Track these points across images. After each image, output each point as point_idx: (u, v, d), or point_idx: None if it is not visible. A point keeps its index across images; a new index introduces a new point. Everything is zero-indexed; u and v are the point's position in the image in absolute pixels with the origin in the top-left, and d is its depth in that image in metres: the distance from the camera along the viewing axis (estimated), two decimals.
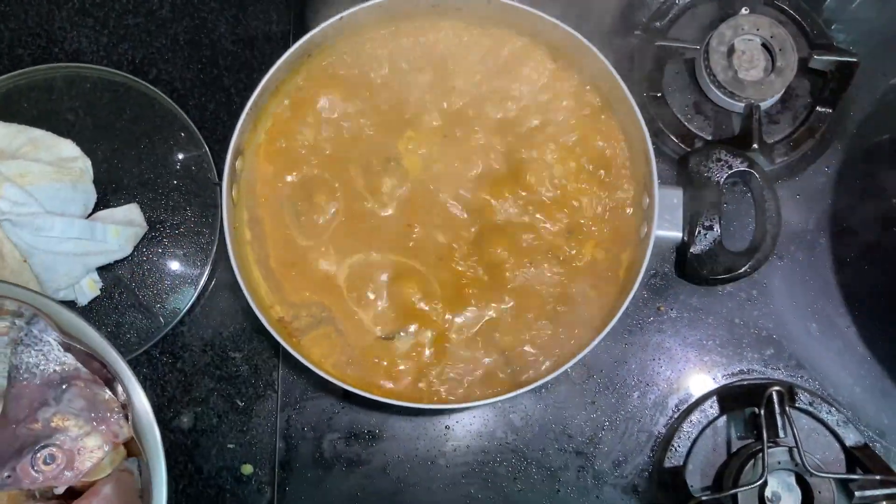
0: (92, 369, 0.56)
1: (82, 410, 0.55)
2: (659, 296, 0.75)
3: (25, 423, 0.54)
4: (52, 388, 0.55)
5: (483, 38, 0.69)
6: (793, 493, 0.67)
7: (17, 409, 0.54)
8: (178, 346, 0.74)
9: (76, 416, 0.54)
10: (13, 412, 0.54)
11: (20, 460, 0.53)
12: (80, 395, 0.55)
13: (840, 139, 0.78)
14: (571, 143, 0.68)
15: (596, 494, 0.72)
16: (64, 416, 0.54)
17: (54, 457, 0.53)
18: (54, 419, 0.54)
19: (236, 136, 0.62)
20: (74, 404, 0.55)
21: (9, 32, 0.79)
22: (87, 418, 0.55)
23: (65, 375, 0.55)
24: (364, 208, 0.67)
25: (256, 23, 0.80)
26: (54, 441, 0.54)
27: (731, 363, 0.74)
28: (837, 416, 0.70)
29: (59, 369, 0.55)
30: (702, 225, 0.66)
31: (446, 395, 0.64)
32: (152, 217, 0.74)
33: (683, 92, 0.78)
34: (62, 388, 0.55)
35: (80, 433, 0.54)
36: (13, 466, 0.53)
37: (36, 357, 0.55)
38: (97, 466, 0.55)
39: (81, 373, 0.56)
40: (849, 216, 0.77)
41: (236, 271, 0.61)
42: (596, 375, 0.74)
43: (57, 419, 0.54)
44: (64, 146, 0.72)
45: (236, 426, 0.72)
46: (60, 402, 0.54)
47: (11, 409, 0.54)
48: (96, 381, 0.56)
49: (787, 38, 0.74)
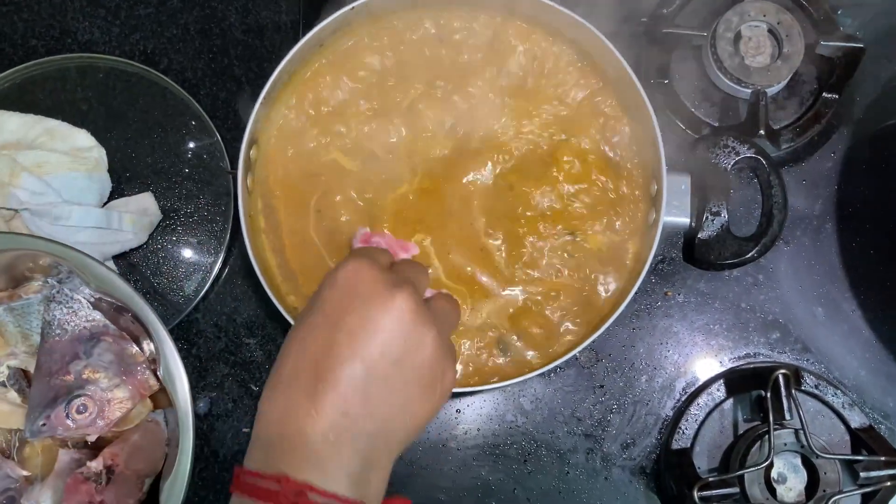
0: (119, 326, 0.59)
1: (111, 364, 0.58)
2: (666, 281, 0.76)
3: (58, 375, 0.57)
4: (83, 343, 0.58)
5: (489, 27, 0.70)
6: (798, 475, 0.68)
7: (50, 362, 0.57)
8: (192, 333, 0.75)
9: (105, 369, 0.57)
10: (46, 365, 0.57)
11: (55, 409, 0.56)
12: (109, 349, 0.58)
13: (846, 125, 0.78)
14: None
15: (605, 476, 0.73)
16: (94, 368, 0.57)
17: (86, 406, 0.57)
18: (85, 371, 0.57)
19: (250, 126, 0.63)
20: (104, 358, 0.58)
21: (22, 23, 0.80)
22: (116, 371, 0.58)
23: (94, 331, 0.58)
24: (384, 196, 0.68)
25: (266, 12, 0.80)
26: (86, 391, 0.57)
27: (737, 347, 0.75)
28: (843, 399, 0.71)
29: (89, 325, 0.58)
30: (709, 211, 0.67)
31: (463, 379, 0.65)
32: (166, 205, 0.75)
33: (690, 79, 0.78)
34: (92, 342, 0.58)
35: (110, 385, 0.57)
36: (48, 415, 0.56)
37: (67, 314, 0.57)
38: (126, 417, 0.58)
39: (110, 329, 0.58)
40: (855, 201, 0.77)
41: (252, 259, 0.62)
42: (604, 359, 0.75)
43: (88, 371, 0.57)
44: (79, 136, 0.73)
45: (251, 411, 0.74)
46: (91, 356, 0.57)
47: (45, 363, 0.57)
48: (124, 336, 0.59)
49: (794, 25, 0.75)
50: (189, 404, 0.56)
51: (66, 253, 0.57)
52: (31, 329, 0.59)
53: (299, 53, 0.64)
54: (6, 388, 0.59)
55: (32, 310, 0.58)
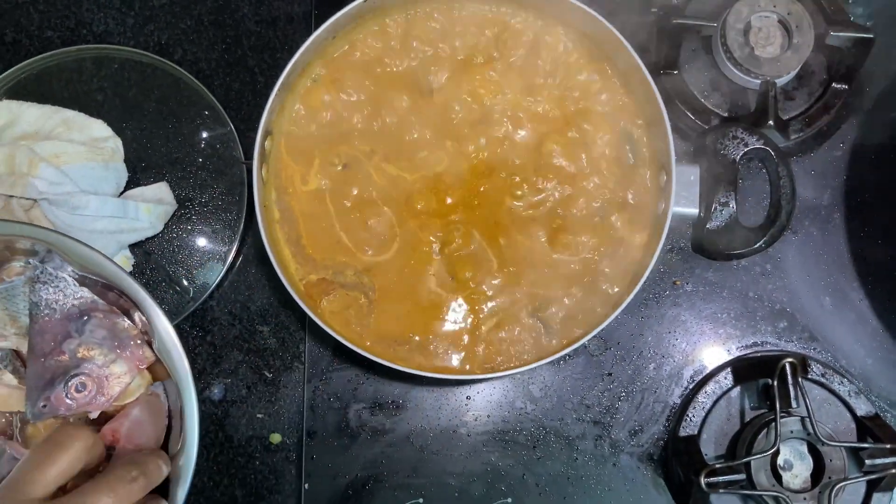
0: (108, 301, 0.58)
1: (104, 339, 0.57)
2: (675, 270, 0.77)
3: (53, 356, 0.56)
4: (73, 321, 0.57)
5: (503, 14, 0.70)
6: (805, 462, 0.68)
7: (43, 343, 0.56)
8: (207, 320, 0.76)
9: (99, 346, 0.57)
10: (39, 346, 0.56)
11: (53, 390, 0.56)
12: (101, 325, 0.57)
13: (856, 115, 0.78)
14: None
15: (613, 462, 0.74)
16: (88, 346, 0.57)
17: (85, 384, 0.56)
18: (80, 350, 0.57)
19: (265, 117, 0.64)
20: (96, 334, 0.57)
21: (38, 15, 0.80)
22: (111, 346, 0.57)
23: (83, 308, 0.57)
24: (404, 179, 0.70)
25: (279, 3, 0.81)
26: (83, 370, 0.56)
27: (745, 335, 0.76)
28: (849, 387, 0.71)
29: (78, 303, 0.57)
30: (718, 201, 0.67)
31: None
32: (181, 195, 0.76)
33: (700, 69, 0.78)
34: (83, 319, 0.57)
35: (106, 361, 0.57)
36: (48, 396, 0.56)
37: (54, 293, 0.57)
38: (126, 391, 0.57)
39: (99, 305, 0.58)
40: (863, 191, 0.77)
41: (268, 249, 0.63)
42: (613, 348, 0.76)
43: (82, 350, 0.57)
44: (95, 126, 0.74)
45: (265, 397, 0.75)
46: (83, 334, 0.57)
47: (37, 344, 0.56)
48: (113, 311, 0.58)
49: (804, 15, 0.75)
50: (188, 369, 0.56)
51: (43, 234, 0.56)
52: (18, 311, 0.58)
53: (313, 46, 0.65)
54: (1, 370, 0.59)
55: (17, 292, 0.57)
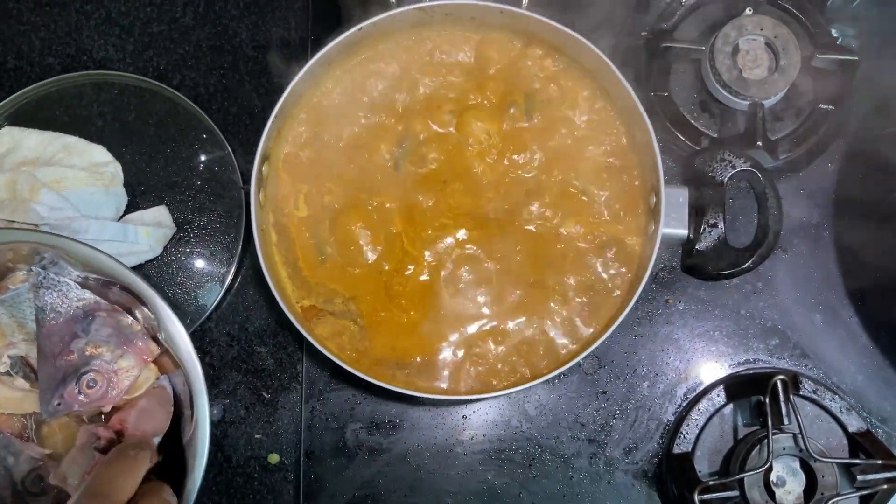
0: (110, 300, 0.61)
1: (110, 337, 0.59)
2: (667, 289, 0.78)
3: (62, 356, 0.59)
4: (79, 322, 0.59)
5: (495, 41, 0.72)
6: (797, 478, 0.69)
7: (51, 345, 0.59)
8: (206, 342, 0.77)
9: (106, 343, 0.59)
10: (48, 349, 0.59)
11: (66, 387, 0.58)
12: (105, 323, 0.60)
13: (843, 135, 0.80)
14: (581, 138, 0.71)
15: (608, 480, 0.75)
16: (95, 344, 0.59)
17: (95, 380, 0.58)
18: (87, 348, 0.59)
19: (262, 143, 0.65)
20: (102, 332, 0.59)
21: (39, 42, 0.82)
22: (117, 343, 0.59)
23: (87, 309, 0.60)
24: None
25: (276, 29, 0.83)
26: (92, 367, 0.59)
27: (737, 353, 0.77)
28: (841, 404, 0.72)
29: (81, 304, 0.59)
30: (706, 222, 0.68)
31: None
32: (179, 218, 0.77)
33: (690, 91, 0.80)
34: (88, 319, 0.59)
35: (114, 356, 0.59)
36: (61, 394, 0.58)
37: (58, 297, 0.59)
38: (135, 384, 0.60)
39: (102, 304, 0.60)
40: (851, 210, 0.78)
41: (265, 271, 0.64)
42: (607, 366, 0.76)
43: (90, 348, 0.59)
44: (95, 151, 0.75)
45: (263, 417, 0.76)
46: (89, 333, 0.59)
47: (46, 346, 0.59)
48: (116, 309, 0.60)
49: (791, 38, 0.76)
50: (195, 360, 0.58)
51: (46, 238, 0.58)
52: (24, 317, 0.60)
53: (309, 72, 0.66)
54: (12, 376, 0.61)
55: (22, 299, 0.59)
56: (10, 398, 0.61)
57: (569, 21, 0.68)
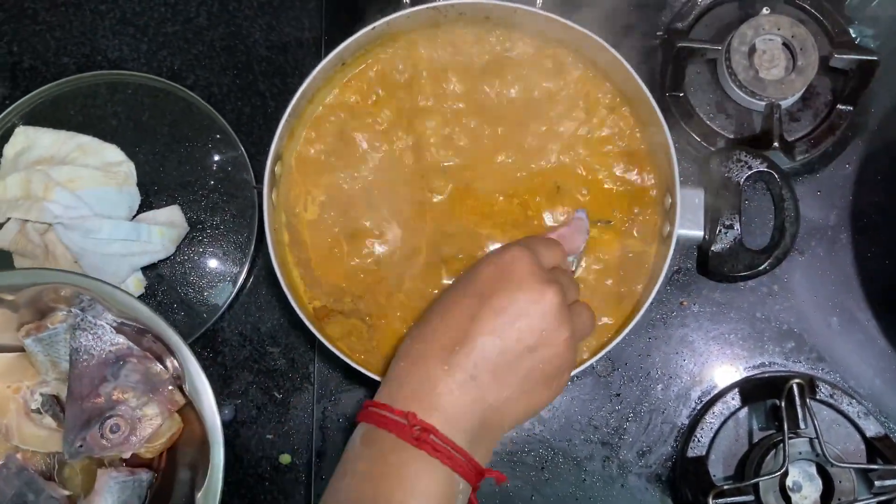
0: (142, 346, 0.62)
1: (138, 383, 0.61)
2: (682, 291, 0.77)
3: (90, 399, 0.60)
4: (109, 366, 0.60)
5: (507, 43, 0.71)
6: (814, 483, 0.68)
7: (81, 386, 0.60)
8: (218, 341, 0.77)
9: (133, 389, 0.60)
10: (78, 390, 0.60)
11: (89, 430, 0.59)
12: (135, 370, 0.61)
13: (861, 136, 0.79)
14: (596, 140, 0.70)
15: (621, 483, 0.74)
16: (123, 389, 0.60)
17: (118, 425, 0.60)
18: (114, 393, 0.60)
19: (275, 143, 0.65)
20: (131, 378, 0.60)
21: (54, 42, 0.82)
22: (144, 390, 0.61)
23: (119, 354, 0.61)
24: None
25: (289, 29, 0.83)
26: (117, 412, 0.60)
27: (752, 356, 0.76)
28: (858, 408, 0.71)
29: (114, 349, 0.61)
30: (722, 224, 0.68)
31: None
32: (192, 217, 0.77)
33: (705, 91, 0.79)
34: (118, 365, 0.61)
35: (139, 403, 0.60)
36: (84, 437, 0.59)
37: (92, 340, 0.60)
38: (157, 432, 0.61)
39: (134, 351, 0.61)
40: (869, 212, 0.78)
41: (278, 272, 0.63)
42: (620, 369, 0.76)
43: (117, 392, 0.60)
44: (109, 151, 0.75)
45: (274, 417, 0.76)
46: (118, 378, 0.60)
47: (76, 388, 0.60)
48: (147, 356, 0.61)
49: (808, 37, 0.75)
50: (216, 417, 0.58)
51: (89, 283, 0.59)
52: (59, 357, 0.62)
53: (322, 72, 0.66)
54: (41, 414, 0.63)
55: (59, 338, 0.61)
56: (36, 435, 0.63)
57: (583, 20, 0.67)
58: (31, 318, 0.62)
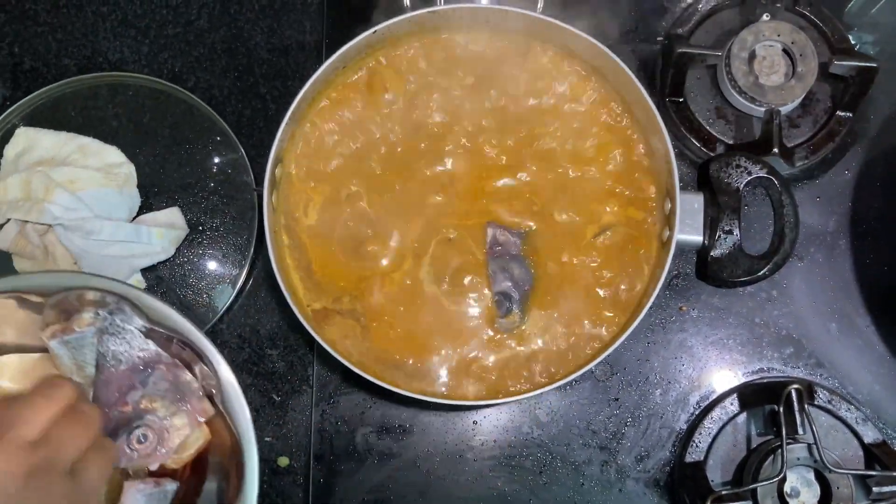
0: (172, 353, 0.59)
1: (167, 392, 0.58)
2: (681, 296, 0.77)
3: (117, 407, 0.57)
4: (138, 373, 0.58)
5: (510, 46, 0.71)
6: (811, 489, 0.68)
7: (108, 393, 0.57)
8: (217, 343, 0.74)
9: (162, 398, 0.58)
10: (104, 397, 0.57)
11: (116, 440, 0.56)
12: (164, 378, 0.58)
13: (860, 142, 0.79)
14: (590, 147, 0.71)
15: (619, 488, 0.74)
16: (151, 398, 0.58)
17: (146, 436, 0.57)
18: (142, 401, 0.58)
19: (275, 146, 0.65)
20: (159, 386, 0.58)
21: (56, 43, 0.82)
22: (173, 399, 0.58)
23: (148, 360, 0.58)
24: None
25: (290, 32, 0.83)
26: (145, 421, 0.57)
27: (751, 361, 0.76)
28: (856, 414, 0.71)
29: (143, 355, 0.58)
30: (721, 229, 0.68)
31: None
32: (192, 219, 0.77)
33: (705, 97, 0.79)
34: (147, 372, 0.58)
35: (167, 413, 0.58)
36: None
37: (121, 345, 0.58)
38: (184, 444, 0.58)
39: (163, 357, 0.59)
40: (868, 218, 0.78)
41: (277, 274, 0.64)
42: (619, 373, 0.76)
43: (145, 401, 0.58)
44: (110, 152, 0.75)
45: (273, 420, 0.76)
46: (147, 386, 0.58)
47: (103, 394, 0.57)
48: (177, 364, 0.59)
49: (808, 44, 0.76)
50: (251, 429, 0.57)
51: (121, 288, 0.58)
52: (85, 361, 0.59)
53: (322, 75, 0.66)
54: None
55: (86, 342, 0.58)
56: None
57: (583, 25, 0.67)
58: (55, 318, 0.59)
